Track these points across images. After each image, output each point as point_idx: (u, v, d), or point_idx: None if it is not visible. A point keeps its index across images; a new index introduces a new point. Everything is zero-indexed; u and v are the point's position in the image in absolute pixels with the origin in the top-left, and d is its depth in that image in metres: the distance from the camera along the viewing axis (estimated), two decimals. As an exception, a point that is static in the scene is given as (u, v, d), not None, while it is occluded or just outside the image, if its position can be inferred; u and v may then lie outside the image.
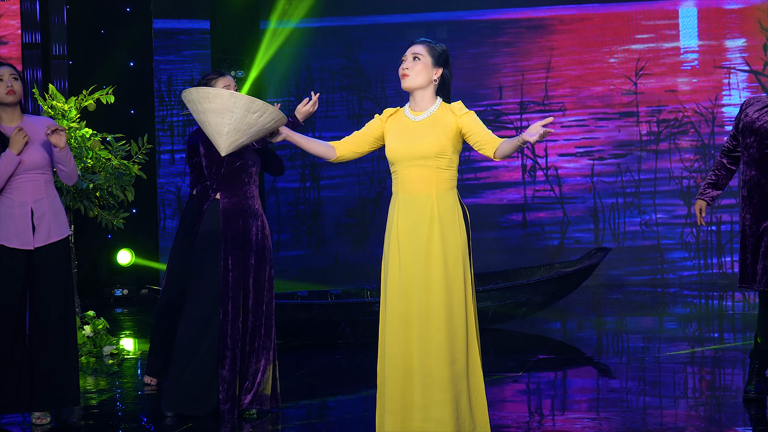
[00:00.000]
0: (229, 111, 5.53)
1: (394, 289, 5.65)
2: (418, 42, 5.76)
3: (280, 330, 9.32)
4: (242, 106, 5.51)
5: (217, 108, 5.54)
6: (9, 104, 6.65)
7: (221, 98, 5.51)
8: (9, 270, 6.66)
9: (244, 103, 5.50)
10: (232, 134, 5.58)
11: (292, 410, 7.17)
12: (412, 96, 5.75)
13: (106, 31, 12.61)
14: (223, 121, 5.55)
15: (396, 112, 5.78)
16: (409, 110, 5.76)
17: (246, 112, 5.53)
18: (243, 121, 5.54)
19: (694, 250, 13.03)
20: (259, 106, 5.52)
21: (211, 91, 5.52)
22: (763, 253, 6.94)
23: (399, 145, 5.67)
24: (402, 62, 5.71)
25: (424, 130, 5.67)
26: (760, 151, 6.96)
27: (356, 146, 5.83)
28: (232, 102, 5.51)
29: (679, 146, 13.06)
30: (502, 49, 13.34)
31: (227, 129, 5.56)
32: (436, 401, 5.57)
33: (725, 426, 6.54)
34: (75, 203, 9.31)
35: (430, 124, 5.68)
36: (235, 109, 5.52)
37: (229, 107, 5.52)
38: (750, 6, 12.92)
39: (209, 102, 5.54)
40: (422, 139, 5.65)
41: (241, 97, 5.50)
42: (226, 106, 5.52)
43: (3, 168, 6.53)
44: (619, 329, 10.30)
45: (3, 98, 6.62)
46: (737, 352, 8.77)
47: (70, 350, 6.81)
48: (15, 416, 6.98)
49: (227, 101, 5.51)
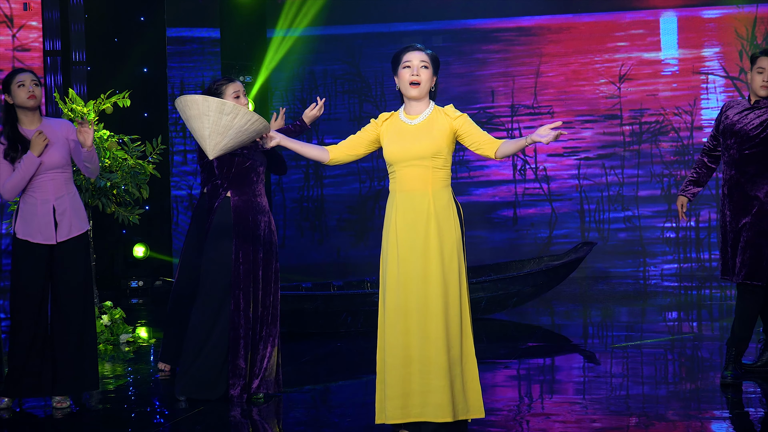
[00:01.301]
0: (205, 115, 5.58)
1: (393, 283, 5.66)
2: (421, 50, 5.75)
3: (285, 319, 9.33)
4: (214, 108, 5.56)
5: (195, 114, 5.60)
6: (29, 108, 6.66)
7: (196, 104, 5.59)
8: (33, 263, 6.67)
9: (215, 105, 5.55)
10: (213, 137, 5.62)
11: (297, 394, 7.17)
12: (408, 101, 5.75)
13: (122, 39, 12.60)
14: (202, 126, 5.60)
15: (391, 116, 5.80)
16: (404, 114, 5.77)
17: (219, 114, 5.57)
18: (219, 123, 5.58)
19: (674, 245, 13.03)
20: (230, 108, 5.57)
21: (187, 99, 5.60)
22: (742, 247, 6.95)
23: (397, 147, 5.68)
24: (407, 68, 5.71)
25: (421, 132, 5.69)
26: (740, 152, 6.96)
27: (351, 149, 5.84)
28: (205, 106, 5.57)
29: (660, 147, 13.05)
30: (494, 55, 13.33)
31: (207, 132, 5.61)
32: (434, 387, 5.59)
33: (703, 409, 6.54)
34: (93, 200, 9.31)
35: (426, 127, 5.70)
36: (209, 113, 5.57)
37: (203, 111, 5.58)
38: (726, 16, 12.92)
39: (189, 109, 5.61)
40: (420, 141, 5.67)
41: (213, 100, 5.56)
42: (201, 110, 5.59)
43: (25, 169, 6.54)
44: (604, 318, 10.30)
45: (24, 102, 6.62)
46: (715, 340, 8.78)
47: (89, 338, 6.82)
48: (37, 400, 6.98)
49: (201, 106, 5.58)
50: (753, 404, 6.65)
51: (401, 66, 5.74)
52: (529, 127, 13.13)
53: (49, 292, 6.74)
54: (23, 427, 6.56)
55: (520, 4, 13.29)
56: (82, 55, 12.13)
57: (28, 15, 11.16)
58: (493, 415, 6.19)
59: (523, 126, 13.18)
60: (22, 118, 6.67)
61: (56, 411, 6.75)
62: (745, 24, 12.84)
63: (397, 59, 5.76)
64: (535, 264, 10.70)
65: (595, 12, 13.21)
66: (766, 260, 6.90)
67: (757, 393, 6.84)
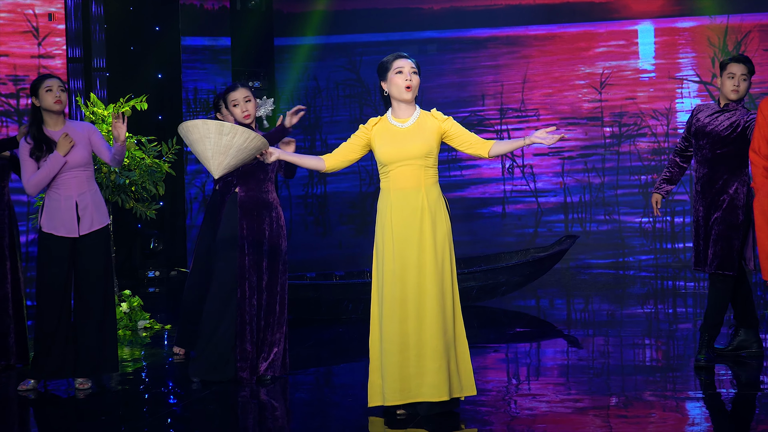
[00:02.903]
0: (206, 137, 5.54)
1: (390, 275, 5.67)
2: (408, 57, 5.81)
3: (291, 307, 9.32)
4: (214, 130, 5.53)
5: (197, 138, 5.56)
6: (55, 112, 6.65)
7: (197, 128, 5.55)
8: (57, 255, 6.67)
9: (214, 127, 5.52)
10: (216, 157, 5.57)
11: (302, 376, 7.16)
12: (398, 105, 5.79)
13: (139, 47, 12.58)
14: (205, 147, 5.56)
15: (380, 120, 5.83)
16: (393, 118, 5.80)
17: (219, 135, 5.54)
18: (220, 144, 5.54)
19: (650, 238, 13.01)
20: (228, 129, 5.53)
21: (188, 124, 5.57)
22: (714, 240, 6.95)
23: (390, 149, 5.71)
24: (399, 73, 5.72)
25: (414, 134, 5.74)
26: (712, 151, 6.96)
27: (344, 156, 5.85)
28: (205, 129, 5.53)
29: (638, 147, 13.03)
30: (484, 62, 13.30)
31: (210, 153, 5.57)
32: (431, 369, 5.61)
33: (678, 390, 6.54)
34: (113, 196, 9.30)
35: (416, 130, 5.75)
36: (209, 134, 5.53)
37: (204, 134, 5.54)
38: (700, 25, 12.90)
39: (191, 134, 5.57)
40: (413, 143, 5.70)
41: (212, 123, 5.52)
42: (202, 133, 5.55)
43: (50, 167, 6.55)
44: (586, 306, 10.30)
45: (51, 107, 6.62)
46: (689, 326, 8.77)
47: (110, 324, 6.82)
48: (61, 382, 6.97)
49: (201, 129, 5.54)
50: (724, 385, 6.65)
51: (393, 72, 5.75)
52: (517, 129, 13.12)
53: (72, 281, 6.74)
54: (48, 407, 6.55)
55: (508, 15, 13.28)
56: (103, 62, 12.10)
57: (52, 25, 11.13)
58: (483, 395, 6.19)
59: (511, 128, 13.16)
60: (48, 120, 6.67)
61: (78, 391, 6.75)
62: (717, 33, 12.83)
63: (387, 66, 5.78)
64: (522, 256, 10.69)
65: (578, 22, 13.18)
66: (735, 251, 6.91)
67: (728, 375, 6.84)
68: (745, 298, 7.17)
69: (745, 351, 7.21)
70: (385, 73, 5.80)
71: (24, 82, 10.73)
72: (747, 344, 7.22)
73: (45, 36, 10.86)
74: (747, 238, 6.94)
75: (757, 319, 7.23)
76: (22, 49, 10.74)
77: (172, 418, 6.16)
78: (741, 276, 7.07)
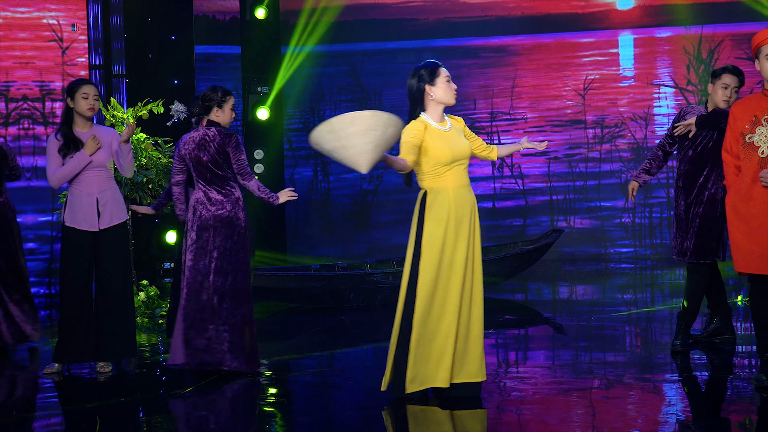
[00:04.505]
0: (372, 129, 4.96)
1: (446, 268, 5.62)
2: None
3: (297, 296, 9.32)
4: (383, 123, 4.99)
5: (360, 129, 4.94)
6: (87, 117, 6.71)
7: (364, 119, 4.96)
8: (79, 247, 6.67)
9: (384, 120, 5.00)
10: (373, 152, 5.00)
11: (307, 360, 7.15)
12: (437, 108, 5.71)
13: (156, 55, 12.56)
14: (366, 140, 4.95)
15: (424, 123, 5.66)
16: (434, 122, 5.71)
17: (386, 127, 5.01)
18: (383, 137, 5.01)
19: (630, 231, 13.00)
20: (394, 120, 5.05)
21: (355, 115, 4.99)
22: (693, 232, 6.95)
23: (447, 150, 5.64)
24: (449, 81, 5.72)
25: (456, 136, 5.75)
26: (695, 150, 6.96)
27: (414, 157, 5.62)
28: (374, 121, 4.97)
29: (619, 147, 13.02)
30: (476, 69, 13.28)
31: (370, 147, 4.97)
32: (474, 353, 5.72)
33: (656, 373, 6.52)
34: (132, 193, 9.30)
35: (456, 132, 5.78)
36: (377, 127, 4.98)
37: (371, 126, 4.96)
38: (676, 35, 12.88)
39: (353, 126, 4.96)
40: (461, 144, 5.73)
41: (381, 114, 4.99)
42: (369, 125, 4.97)
43: (76, 164, 6.60)
44: (571, 295, 10.29)
45: (84, 112, 6.68)
46: (666, 313, 8.76)
47: (129, 312, 6.81)
48: (83, 365, 6.96)
49: (370, 120, 4.97)
50: (699, 369, 6.64)
51: (443, 78, 5.70)
52: (507, 131, 13.11)
53: (93, 272, 6.74)
54: (71, 388, 6.54)
55: (498, 26, 13.26)
56: (122, 69, 12.09)
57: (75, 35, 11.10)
58: (475, 378, 6.16)
59: (501, 130, 13.14)
60: (78, 121, 6.72)
61: (100, 374, 6.74)
62: (692, 42, 12.82)
63: (438, 72, 5.71)
64: (511, 248, 10.67)
65: (563, 32, 13.17)
66: (714, 242, 6.91)
67: (702, 359, 6.83)
68: (718, 289, 7.17)
69: (718, 337, 7.20)
70: (434, 78, 5.70)
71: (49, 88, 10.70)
72: (720, 331, 7.21)
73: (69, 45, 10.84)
74: (722, 231, 6.94)
75: (729, 307, 7.23)
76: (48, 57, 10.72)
77: (187, 399, 6.15)
78: (715, 268, 7.06)
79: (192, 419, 5.80)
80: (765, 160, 5.71)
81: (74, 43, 10.91)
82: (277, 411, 5.96)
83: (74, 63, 10.94)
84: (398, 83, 13.08)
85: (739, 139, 5.84)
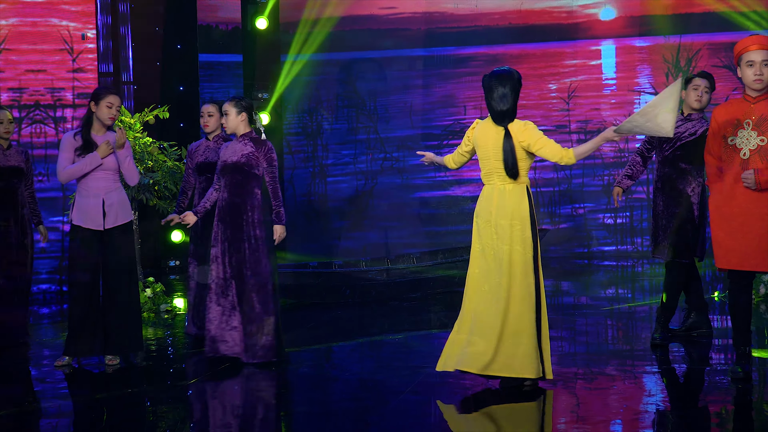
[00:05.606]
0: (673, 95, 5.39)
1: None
2: None
3: (295, 292, 9.30)
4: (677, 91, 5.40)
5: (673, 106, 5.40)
6: (106, 125, 6.73)
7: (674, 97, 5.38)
8: (86, 244, 6.69)
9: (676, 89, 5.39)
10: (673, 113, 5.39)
11: (305, 353, 7.14)
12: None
13: (163, 63, 12.54)
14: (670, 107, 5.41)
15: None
16: None
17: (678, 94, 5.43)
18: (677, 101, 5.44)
19: (612, 230, 13.00)
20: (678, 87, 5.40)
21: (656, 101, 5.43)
22: (671, 232, 6.95)
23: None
24: None
25: None
26: (674, 153, 6.97)
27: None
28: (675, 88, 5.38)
29: (601, 151, 13.02)
30: (465, 77, 13.26)
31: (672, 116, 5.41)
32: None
33: (637, 365, 6.52)
34: (138, 195, 9.28)
35: None
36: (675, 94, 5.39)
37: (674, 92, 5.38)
38: (656, 44, 12.89)
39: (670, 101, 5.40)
40: None
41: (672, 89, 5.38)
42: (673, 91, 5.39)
43: (86, 164, 6.62)
44: (555, 291, 10.28)
45: (105, 121, 6.73)
46: (646, 308, 8.76)
47: (135, 307, 6.80)
48: (92, 358, 6.94)
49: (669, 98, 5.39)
50: (677, 361, 6.64)
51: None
52: (495, 135, 13.08)
53: (100, 269, 6.72)
54: (80, 380, 6.53)
55: (487, 35, 13.26)
56: (130, 76, 12.07)
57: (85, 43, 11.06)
58: (465, 370, 6.15)
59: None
60: (96, 126, 6.76)
61: (108, 367, 6.72)
62: (671, 51, 12.82)
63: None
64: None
65: (548, 41, 13.17)
66: (692, 241, 6.91)
67: (680, 352, 6.83)
68: (696, 286, 7.17)
69: (696, 331, 7.20)
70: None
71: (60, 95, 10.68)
72: (698, 325, 7.21)
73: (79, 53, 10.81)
74: (699, 231, 6.93)
75: (705, 303, 7.23)
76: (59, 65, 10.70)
77: (192, 390, 6.14)
78: (692, 265, 7.06)
79: (195, 409, 5.79)
80: (746, 162, 5.71)
81: (84, 51, 10.88)
82: (276, 402, 5.96)
83: (84, 70, 10.91)
84: (391, 89, 13.05)
85: (721, 141, 5.84)
